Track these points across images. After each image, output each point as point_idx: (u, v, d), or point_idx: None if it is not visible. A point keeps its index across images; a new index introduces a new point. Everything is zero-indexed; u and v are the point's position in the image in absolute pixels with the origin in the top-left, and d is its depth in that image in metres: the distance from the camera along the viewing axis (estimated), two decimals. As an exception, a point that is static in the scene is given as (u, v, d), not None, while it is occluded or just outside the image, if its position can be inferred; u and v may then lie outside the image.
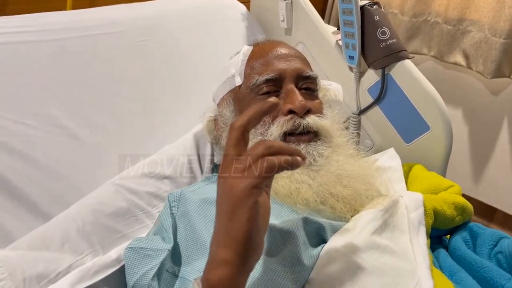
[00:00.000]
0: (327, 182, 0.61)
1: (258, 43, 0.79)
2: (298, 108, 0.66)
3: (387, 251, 0.53)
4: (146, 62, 0.94)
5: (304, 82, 0.72)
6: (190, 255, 0.57)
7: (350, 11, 0.91)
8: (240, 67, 0.74)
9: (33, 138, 0.75)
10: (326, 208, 0.60)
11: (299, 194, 0.60)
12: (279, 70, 0.70)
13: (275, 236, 0.55)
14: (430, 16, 1.70)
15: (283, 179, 0.62)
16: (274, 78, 0.70)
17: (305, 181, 0.61)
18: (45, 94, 0.79)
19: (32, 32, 0.82)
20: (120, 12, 0.97)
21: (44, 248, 0.61)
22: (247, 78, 0.73)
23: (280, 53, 0.73)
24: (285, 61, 0.72)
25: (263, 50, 0.75)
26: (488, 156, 1.77)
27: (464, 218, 0.66)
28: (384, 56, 0.91)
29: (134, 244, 0.58)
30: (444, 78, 1.75)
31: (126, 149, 0.83)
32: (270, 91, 0.70)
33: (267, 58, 0.73)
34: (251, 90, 0.71)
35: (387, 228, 0.57)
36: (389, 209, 0.58)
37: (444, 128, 0.87)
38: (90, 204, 0.68)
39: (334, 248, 0.53)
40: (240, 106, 0.73)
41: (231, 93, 0.76)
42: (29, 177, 0.72)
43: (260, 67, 0.72)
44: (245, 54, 0.75)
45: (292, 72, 0.71)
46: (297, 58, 0.74)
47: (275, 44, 0.77)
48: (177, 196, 0.65)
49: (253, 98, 0.71)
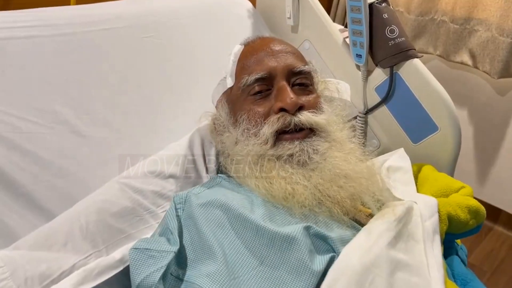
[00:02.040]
0: (322, 183, 0.60)
1: (249, 42, 0.77)
2: (288, 105, 0.65)
3: (402, 266, 0.52)
4: (152, 58, 0.93)
5: (297, 77, 0.70)
6: (196, 259, 0.56)
7: (359, 9, 0.89)
8: (231, 68, 0.73)
9: (37, 135, 0.74)
10: (323, 211, 0.59)
11: (294, 197, 0.59)
12: (269, 68, 0.69)
13: (279, 245, 0.54)
14: (437, 15, 1.69)
15: (277, 182, 0.61)
16: (264, 77, 0.68)
17: (300, 181, 0.60)
18: (49, 90, 0.78)
19: (36, 27, 0.80)
20: (125, 7, 0.96)
21: (47, 248, 0.60)
22: (237, 78, 0.71)
23: (271, 50, 0.71)
24: (275, 58, 0.70)
25: (253, 49, 0.73)
26: (493, 156, 1.76)
27: (477, 222, 0.65)
28: (392, 55, 0.89)
29: (139, 245, 0.57)
30: (450, 77, 1.74)
31: (131, 146, 0.82)
32: (261, 90, 0.69)
33: (257, 56, 0.71)
34: (242, 91, 0.70)
35: (401, 239, 0.55)
36: (403, 218, 0.57)
37: (453, 129, 0.86)
38: (94, 203, 0.67)
39: (347, 264, 0.51)
40: (234, 108, 0.72)
41: (225, 95, 0.75)
42: (33, 174, 0.71)
43: (250, 66, 0.70)
44: (235, 54, 0.74)
45: (282, 69, 0.69)
46: (289, 53, 0.72)
47: (266, 41, 0.75)
48: (183, 198, 0.64)
49: (245, 99, 0.69)
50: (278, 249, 0.54)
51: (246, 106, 0.69)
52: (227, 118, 0.72)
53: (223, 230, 0.57)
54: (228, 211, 0.59)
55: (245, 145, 0.66)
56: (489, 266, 1.65)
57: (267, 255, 0.54)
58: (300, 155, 0.62)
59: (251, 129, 0.66)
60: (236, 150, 0.67)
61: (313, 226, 0.56)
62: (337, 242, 0.56)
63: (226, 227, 0.57)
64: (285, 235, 0.54)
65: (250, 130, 0.66)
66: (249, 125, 0.67)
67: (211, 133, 0.79)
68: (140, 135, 0.85)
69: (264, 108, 0.67)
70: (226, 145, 0.71)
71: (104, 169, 0.76)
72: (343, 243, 0.55)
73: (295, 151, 0.63)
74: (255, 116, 0.67)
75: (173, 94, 0.93)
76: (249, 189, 0.64)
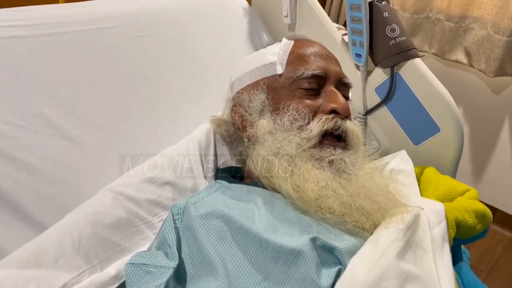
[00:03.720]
0: (355, 194, 0.58)
1: (298, 38, 0.77)
2: (342, 109, 0.65)
3: (411, 278, 0.50)
4: (145, 57, 0.89)
5: (343, 88, 0.72)
6: (195, 274, 0.53)
7: (358, 7, 0.87)
8: (282, 57, 0.72)
9: (24, 140, 0.70)
10: (349, 221, 0.57)
11: (327, 200, 0.57)
12: (325, 69, 0.69)
13: (285, 259, 0.51)
14: (432, 13, 1.67)
15: (313, 182, 0.59)
16: (320, 75, 0.68)
17: (336, 189, 0.58)
18: (37, 93, 0.74)
19: (22, 27, 0.77)
20: (117, 5, 0.92)
21: (36, 266, 0.56)
22: (290, 68, 0.70)
23: (323, 52, 0.73)
24: (328, 62, 0.71)
25: (305, 45, 0.73)
26: (488, 155, 1.76)
27: (485, 226, 0.64)
28: (393, 54, 0.87)
29: (135, 260, 0.54)
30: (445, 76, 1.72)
31: (126, 151, 0.78)
32: (311, 88, 0.68)
33: (314, 52, 0.72)
34: (293, 81, 0.69)
35: (410, 248, 0.53)
36: (410, 226, 0.55)
37: (456, 131, 0.84)
38: (87, 214, 0.64)
39: (354, 278, 0.49)
40: (276, 96, 0.70)
41: (266, 80, 0.73)
42: (20, 182, 0.67)
43: (307, 60, 0.70)
44: (286, 46, 0.73)
45: (335, 74, 0.70)
46: (337, 62, 0.75)
47: (315, 43, 0.76)
48: (181, 209, 0.61)
49: (295, 90, 0.68)
50: (283, 264, 0.51)
51: (295, 97, 0.68)
52: (265, 104, 0.69)
53: (224, 242, 0.54)
54: (229, 222, 0.56)
55: (283, 137, 0.63)
56: (485, 265, 1.65)
57: (271, 270, 0.51)
58: (340, 163, 0.61)
59: (298, 121, 0.64)
60: (272, 138, 0.65)
61: (319, 237, 0.53)
62: (345, 254, 0.53)
63: (228, 239, 0.55)
64: (291, 248, 0.51)
65: (297, 121, 0.64)
66: (298, 116, 0.65)
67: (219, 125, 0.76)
68: (135, 139, 0.82)
69: (314, 104, 0.67)
70: (258, 132, 0.67)
71: (96, 176, 0.73)
72: (350, 255, 0.53)
73: (337, 158, 0.62)
74: (305, 109, 0.66)
75: (169, 94, 0.90)
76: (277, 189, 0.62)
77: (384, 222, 0.57)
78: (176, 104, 0.89)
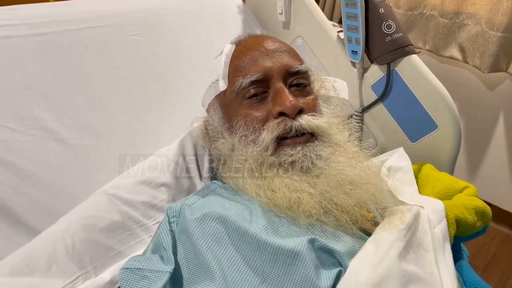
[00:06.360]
0: (328, 190, 0.56)
1: (241, 41, 0.72)
2: (288, 109, 0.61)
3: (413, 279, 0.49)
4: (139, 57, 0.88)
5: (294, 78, 0.67)
6: (192, 279, 0.52)
7: (354, 4, 0.86)
8: (224, 70, 0.68)
9: (15, 143, 0.69)
10: (329, 220, 0.55)
11: (300, 206, 0.55)
12: (265, 69, 0.65)
13: (283, 260, 0.50)
14: (426, 9, 1.67)
15: (281, 190, 0.57)
16: (260, 79, 0.64)
17: (305, 189, 0.56)
18: (28, 94, 0.73)
19: (12, 26, 0.75)
20: (109, 4, 0.90)
21: (28, 273, 0.54)
22: (231, 81, 0.67)
23: (265, 49, 0.67)
24: (270, 58, 0.66)
25: (245, 48, 0.69)
26: (483, 151, 1.76)
27: (484, 223, 0.63)
28: (389, 51, 0.86)
29: (130, 264, 0.52)
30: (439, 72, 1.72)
31: (119, 152, 0.77)
32: (257, 93, 0.64)
33: (251, 56, 0.67)
34: (236, 94, 0.66)
35: (411, 249, 0.52)
36: (411, 226, 0.54)
37: (453, 127, 0.83)
38: (80, 219, 0.62)
39: (355, 280, 0.48)
40: (228, 113, 0.68)
41: (217, 98, 0.71)
42: (12, 186, 0.66)
43: (244, 68, 0.66)
44: (227, 55, 0.69)
45: (279, 69, 0.65)
46: (284, 52, 0.68)
47: (259, 40, 0.70)
48: (177, 211, 0.59)
49: (241, 103, 0.65)
50: (281, 265, 0.50)
51: (242, 111, 0.65)
52: (221, 124, 0.68)
53: (220, 245, 0.53)
54: (226, 223, 0.55)
55: (243, 153, 0.61)
56: (481, 261, 1.65)
57: (269, 272, 0.50)
58: (303, 161, 0.59)
59: (249, 136, 0.62)
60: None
61: (318, 239, 0.52)
62: (344, 255, 0.52)
63: (224, 241, 0.53)
64: (289, 249, 0.50)
65: (248, 136, 0.62)
66: (247, 131, 0.63)
67: (203, 138, 0.75)
68: (129, 140, 0.80)
69: (261, 113, 0.63)
70: (221, 152, 0.67)
71: (90, 179, 0.72)
72: (350, 256, 0.52)
73: (297, 157, 0.59)
74: (252, 122, 0.63)
75: (163, 94, 0.89)
76: (249, 197, 0.60)
77: (385, 221, 0.56)
78: (170, 104, 0.88)
